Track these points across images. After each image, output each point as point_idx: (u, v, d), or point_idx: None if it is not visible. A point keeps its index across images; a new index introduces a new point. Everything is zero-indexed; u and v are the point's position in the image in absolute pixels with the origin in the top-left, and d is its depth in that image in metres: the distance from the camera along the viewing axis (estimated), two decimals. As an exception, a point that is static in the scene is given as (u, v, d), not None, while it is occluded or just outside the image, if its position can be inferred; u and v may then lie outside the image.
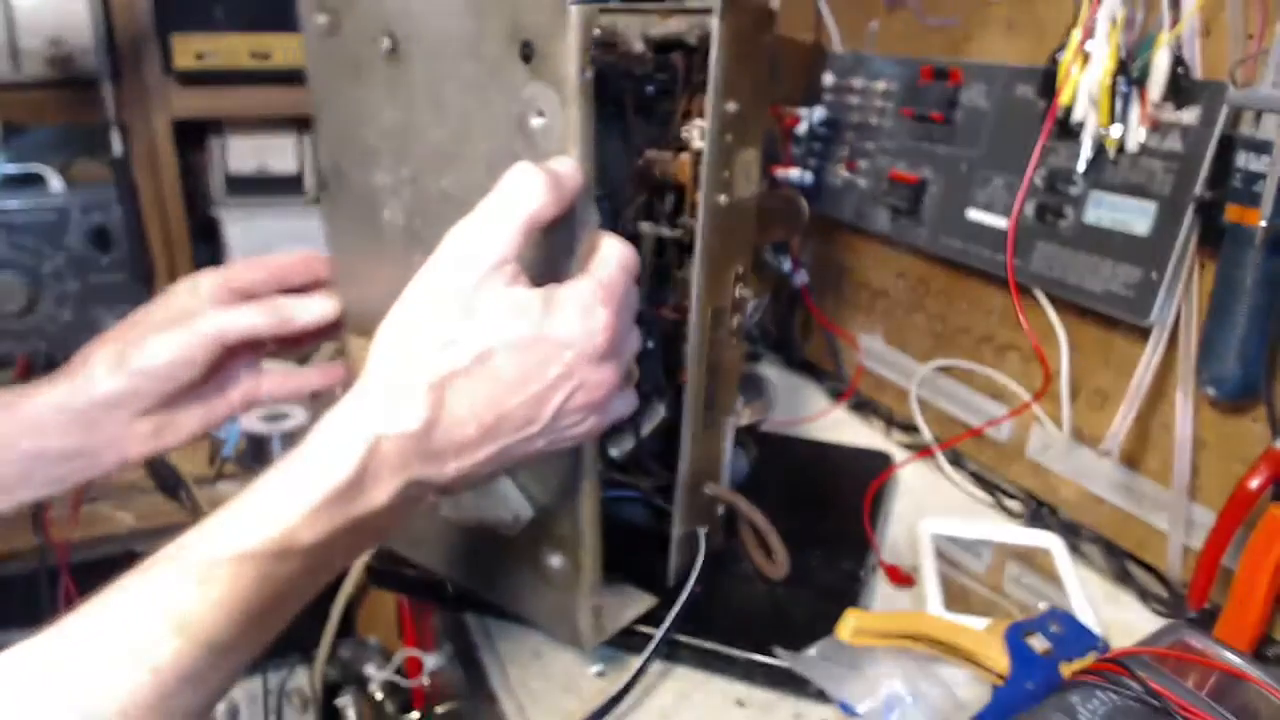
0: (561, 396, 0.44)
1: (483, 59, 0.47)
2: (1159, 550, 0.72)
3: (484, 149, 0.48)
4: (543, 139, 0.45)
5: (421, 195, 0.52)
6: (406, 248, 0.54)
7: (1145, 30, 0.66)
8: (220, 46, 1.03)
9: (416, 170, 0.52)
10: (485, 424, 0.43)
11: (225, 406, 0.59)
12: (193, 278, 0.57)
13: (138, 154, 1.05)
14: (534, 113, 0.45)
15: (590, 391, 0.45)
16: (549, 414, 0.44)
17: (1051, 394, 0.79)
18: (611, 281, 0.45)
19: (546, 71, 0.44)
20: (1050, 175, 0.74)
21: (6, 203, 1.05)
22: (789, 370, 1.14)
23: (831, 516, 0.77)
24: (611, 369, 0.46)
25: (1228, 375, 0.62)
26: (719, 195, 0.55)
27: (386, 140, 0.53)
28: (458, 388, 0.42)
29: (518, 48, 0.45)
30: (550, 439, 0.45)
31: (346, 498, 0.40)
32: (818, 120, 0.99)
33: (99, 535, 0.81)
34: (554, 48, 0.43)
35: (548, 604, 0.58)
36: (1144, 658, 0.53)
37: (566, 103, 0.44)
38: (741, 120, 0.55)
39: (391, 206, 0.54)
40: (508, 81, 0.46)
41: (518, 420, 0.43)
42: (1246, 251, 0.59)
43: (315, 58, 0.56)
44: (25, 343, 1.09)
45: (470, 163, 0.49)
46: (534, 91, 0.45)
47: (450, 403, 0.42)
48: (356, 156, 0.55)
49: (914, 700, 0.56)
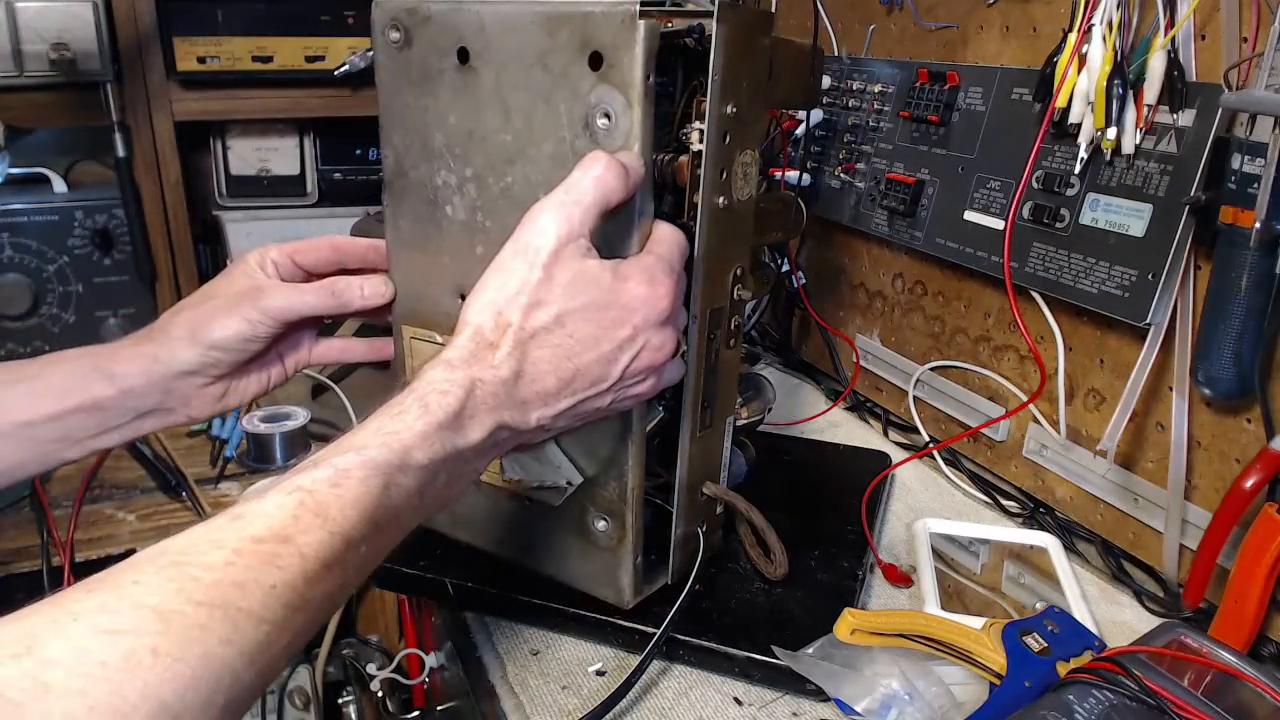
0: (628, 357, 0.50)
1: (550, 68, 0.52)
2: (1155, 549, 0.72)
3: (548, 149, 0.54)
4: (606, 138, 0.51)
5: (485, 192, 0.57)
6: (468, 240, 0.59)
7: (1141, 33, 0.66)
8: (223, 50, 1.03)
9: (480, 170, 0.57)
10: (563, 377, 0.48)
11: (280, 372, 0.66)
12: (262, 251, 0.63)
13: (140, 156, 1.05)
14: (600, 115, 0.51)
15: (652, 353, 0.51)
16: (617, 373, 0.50)
17: (1048, 394, 0.79)
18: (670, 256, 0.52)
19: (614, 77, 0.50)
20: (1047, 177, 0.74)
21: (10, 204, 1.06)
22: (787, 371, 1.15)
23: (829, 516, 0.77)
24: (670, 333, 0.52)
25: (1223, 376, 0.62)
26: (717, 197, 0.56)
27: (451, 143, 0.58)
28: (541, 343, 0.48)
29: (587, 57, 0.51)
30: (615, 396, 0.51)
31: (450, 428, 0.45)
32: (816, 122, 1.00)
33: (101, 535, 0.82)
34: (622, 57, 0.49)
35: (592, 566, 0.62)
36: (1140, 656, 0.53)
37: (632, 104, 0.50)
38: (739, 122, 0.56)
39: (453, 203, 0.59)
40: (574, 88, 0.52)
41: (592, 376, 0.49)
42: (1241, 253, 0.60)
43: (385, 70, 0.60)
44: (28, 344, 1.10)
45: (534, 162, 0.55)
46: (600, 95, 0.51)
47: (534, 355, 0.48)
48: (420, 158, 0.60)
49: (911, 699, 0.57)
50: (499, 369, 0.47)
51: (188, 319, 0.60)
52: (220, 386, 0.62)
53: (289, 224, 1.23)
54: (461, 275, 0.60)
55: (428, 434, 0.44)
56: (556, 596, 0.64)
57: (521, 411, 0.48)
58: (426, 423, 0.44)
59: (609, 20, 0.49)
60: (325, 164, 1.24)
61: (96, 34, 0.97)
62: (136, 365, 0.58)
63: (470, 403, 0.46)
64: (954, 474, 0.89)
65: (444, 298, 0.62)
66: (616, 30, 0.49)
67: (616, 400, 0.52)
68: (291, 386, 1.02)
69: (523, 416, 0.48)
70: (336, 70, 1.07)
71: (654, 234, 0.53)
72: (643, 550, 0.62)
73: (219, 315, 0.60)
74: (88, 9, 0.96)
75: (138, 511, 0.84)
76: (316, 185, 1.25)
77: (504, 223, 0.55)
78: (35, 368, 0.58)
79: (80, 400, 0.57)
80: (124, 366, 0.58)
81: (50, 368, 0.58)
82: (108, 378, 0.58)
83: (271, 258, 0.63)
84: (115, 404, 0.58)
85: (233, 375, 0.62)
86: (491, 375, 0.47)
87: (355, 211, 1.18)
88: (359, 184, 1.25)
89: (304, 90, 1.10)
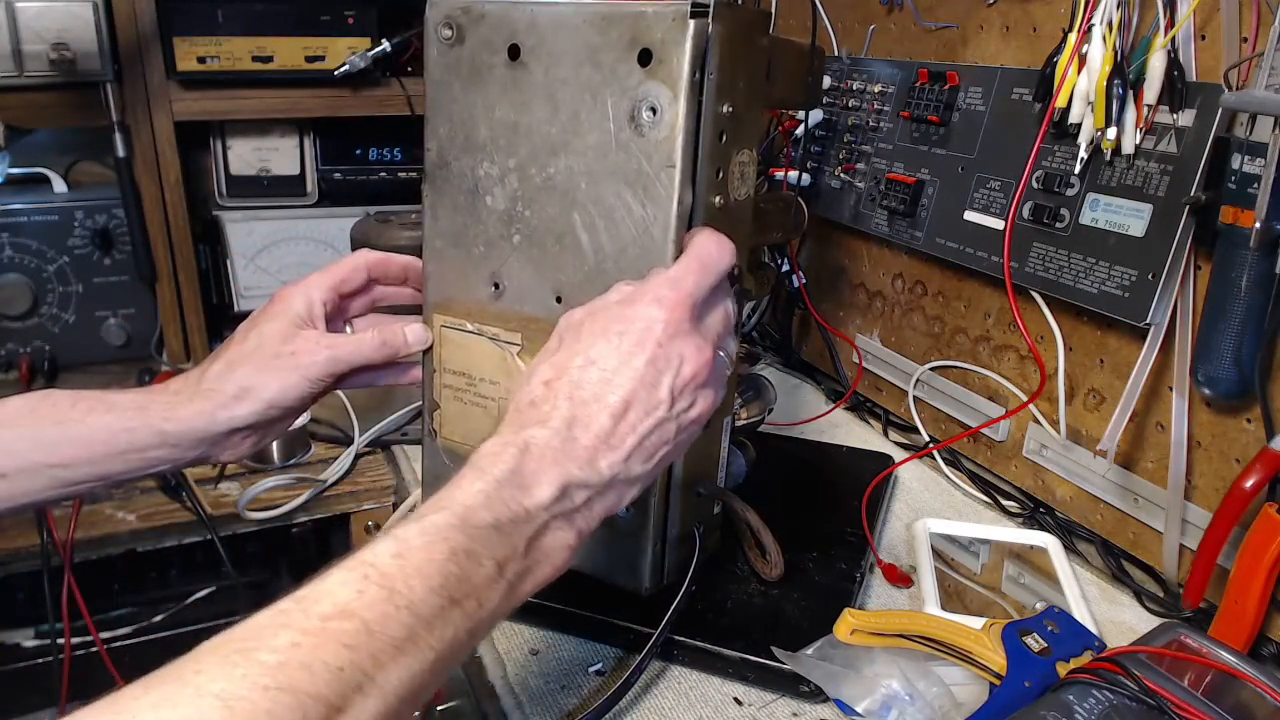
0: (670, 376, 0.49)
1: (600, 64, 0.55)
2: (1155, 550, 0.72)
3: (592, 140, 0.56)
4: (652, 130, 0.54)
5: (526, 183, 0.59)
6: (505, 229, 0.61)
7: (1141, 33, 0.66)
8: (223, 50, 1.03)
9: (523, 160, 0.59)
10: (615, 412, 0.47)
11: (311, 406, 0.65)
12: (306, 294, 0.62)
13: (140, 156, 1.05)
14: (646, 108, 0.54)
15: (693, 364, 0.49)
16: (665, 394, 0.49)
17: (1048, 394, 0.79)
18: (678, 272, 0.51)
19: (662, 73, 0.53)
20: (1047, 177, 0.74)
21: (10, 204, 1.06)
22: (787, 371, 1.15)
23: (830, 516, 0.77)
24: (699, 342, 0.50)
25: (1223, 376, 0.62)
26: (714, 196, 0.56)
27: (496, 135, 0.60)
28: (580, 384, 0.48)
29: (636, 54, 0.53)
30: (679, 424, 0.50)
31: (512, 485, 0.44)
32: (815, 122, 1.00)
33: (101, 534, 0.82)
34: (672, 53, 0.52)
35: (611, 552, 0.62)
36: (1140, 656, 0.53)
37: (678, 97, 0.53)
38: (736, 122, 0.56)
39: (494, 194, 0.61)
40: (622, 82, 0.54)
41: (643, 404, 0.48)
42: (1241, 253, 0.60)
43: (436, 65, 0.61)
44: (28, 344, 1.09)
45: (578, 153, 0.57)
46: (648, 90, 0.53)
47: (578, 398, 0.47)
48: (463, 150, 0.62)
49: (911, 699, 0.57)
50: (548, 422, 0.47)
51: (245, 376, 0.59)
52: (262, 432, 0.61)
53: (289, 224, 1.22)
54: (497, 263, 0.62)
55: (487, 493, 0.43)
56: (556, 596, 0.64)
57: (589, 463, 0.46)
58: (484, 483, 0.43)
59: (660, 19, 0.52)
60: (325, 164, 1.24)
61: (96, 34, 0.96)
62: (189, 423, 0.58)
63: (528, 459, 0.45)
64: (954, 474, 0.89)
65: (478, 286, 0.63)
66: (667, 28, 0.52)
67: (681, 428, 0.50)
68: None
69: (592, 468, 0.46)
70: (336, 70, 1.07)
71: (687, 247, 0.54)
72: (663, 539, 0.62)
73: (276, 372, 0.59)
74: (88, 9, 0.96)
75: (138, 511, 0.84)
76: (316, 185, 1.24)
77: (543, 212, 0.59)
78: (81, 409, 0.57)
79: (123, 452, 0.57)
80: (176, 425, 0.57)
81: (96, 416, 0.56)
82: (157, 434, 0.57)
83: (319, 299, 0.62)
84: (158, 457, 0.58)
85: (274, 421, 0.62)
86: (542, 429, 0.46)
87: (355, 211, 1.18)
88: (359, 184, 1.25)
89: (304, 90, 1.10)
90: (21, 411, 0.56)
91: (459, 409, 0.67)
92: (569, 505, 0.46)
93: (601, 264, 0.57)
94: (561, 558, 0.45)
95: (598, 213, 0.57)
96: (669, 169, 0.54)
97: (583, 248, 0.58)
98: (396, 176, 1.26)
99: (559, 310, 0.59)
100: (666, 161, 0.54)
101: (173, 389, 0.59)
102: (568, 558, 0.45)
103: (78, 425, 0.56)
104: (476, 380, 0.65)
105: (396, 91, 1.13)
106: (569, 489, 0.45)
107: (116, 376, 1.11)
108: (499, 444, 0.46)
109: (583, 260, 0.58)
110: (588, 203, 0.57)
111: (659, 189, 0.54)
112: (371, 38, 1.08)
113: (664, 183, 0.54)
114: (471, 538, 0.41)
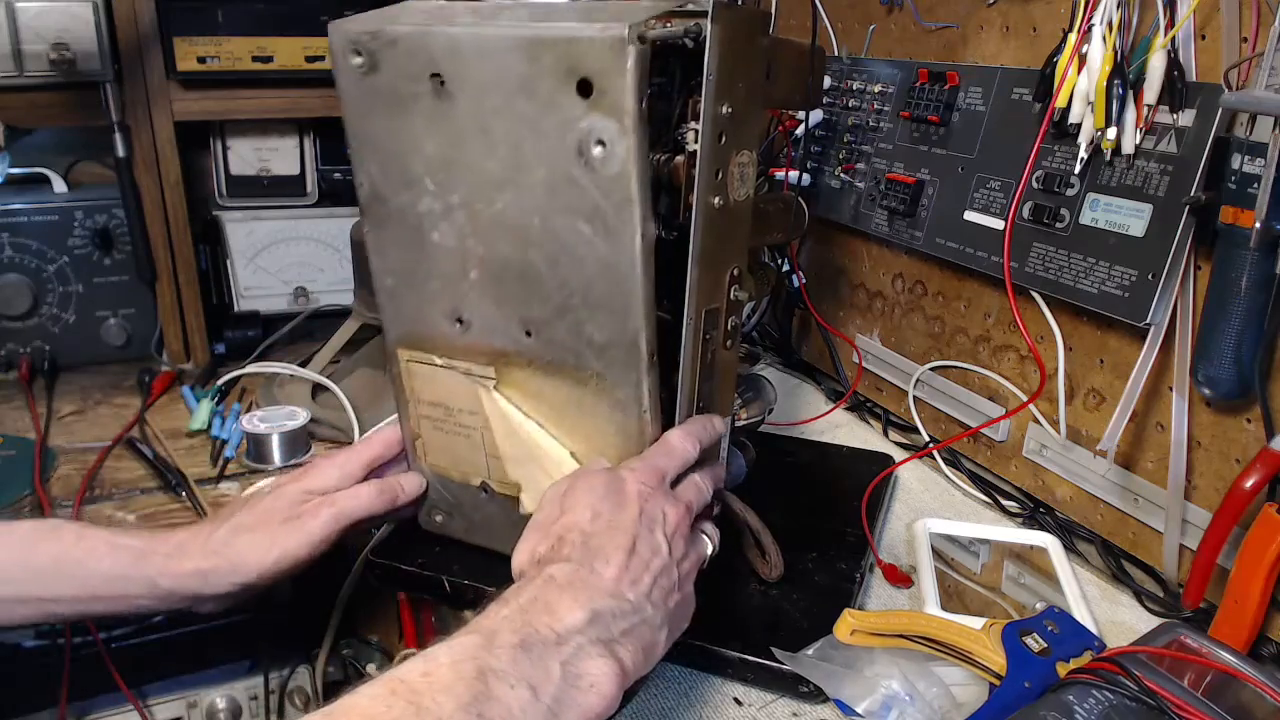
0: (659, 523, 0.52)
1: (535, 95, 0.50)
2: (1155, 550, 0.72)
3: (540, 175, 0.52)
4: (603, 165, 0.50)
5: (475, 219, 0.55)
6: (459, 266, 0.57)
7: (1141, 33, 0.66)
8: (223, 50, 1.03)
9: (467, 197, 0.55)
10: (624, 547, 0.50)
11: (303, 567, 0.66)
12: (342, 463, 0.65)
13: (140, 156, 1.05)
14: (594, 143, 0.49)
15: (674, 517, 0.53)
16: (663, 539, 0.52)
17: (1048, 394, 0.79)
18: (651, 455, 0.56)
19: (605, 105, 0.48)
20: (1047, 177, 0.74)
21: (10, 204, 1.06)
22: (787, 371, 1.15)
23: (830, 516, 0.77)
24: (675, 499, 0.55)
25: (1223, 376, 0.62)
26: (713, 197, 0.56)
27: (431, 170, 0.55)
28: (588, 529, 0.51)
29: (574, 84, 0.48)
30: (680, 572, 0.53)
31: (537, 610, 0.45)
32: (815, 122, 1.00)
33: (101, 535, 0.82)
34: (613, 83, 0.47)
35: None
36: (1140, 657, 0.53)
37: (627, 132, 0.48)
38: (735, 122, 0.55)
39: (441, 230, 0.57)
40: (563, 115, 0.49)
41: (647, 544, 0.51)
42: (1241, 253, 0.60)
43: (349, 95, 0.57)
44: (28, 344, 1.10)
45: (526, 189, 0.53)
46: (592, 123, 0.49)
47: (591, 539, 0.50)
48: (399, 184, 0.57)
49: (911, 699, 0.57)
50: (570, 559, 0.49)
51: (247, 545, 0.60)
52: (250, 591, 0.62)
53: (289, 224, 1.23)
54: (456, 299, 0.59)
55: (511, 617, 0.44)
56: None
57: (615, 592, 0.48)
58: (509, 609, 0.45)
59: (596, 46, 0.47)
60: (325, 164, 1.24)
61: (96, 34, 0.96)
62: (183, 581, 0.59)
63: (552, 588, 0.47)
64: (954, 474, 0.89)
65: (439, 321, 0.61)
66: (604, 56, 0.47)
67: (682, 578, 0.53)
68: (292, 386, 1.03)
69: (619, 597, 0.48)
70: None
71: None
72: None
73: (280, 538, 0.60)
74: (88, 9, 0.95)
75: (138, 511, 0.84)
76: (316, 185, 1.25)
77: (497, 248, 0.55)
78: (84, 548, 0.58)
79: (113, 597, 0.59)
80: (169, 581, 0.59)
81: (95, 560, 0.58)
82: (149, 585, 0.59)
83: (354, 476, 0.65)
84: (145, 605, 0.60)
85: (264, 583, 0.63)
86: (565, 565, 0.48)
87: (355, 212, 1.17)
88: (359, 184, 1.25)
89: (304, 90, 1.10)
90: (27, 542, 0.59)
91: (441, 438, 0.66)
92: (605, 634, 0.46)
93: (568, 300, 0.55)
94: (606, 688, 0.44)
95: (557, 248, 0.54)
96: (627, 204, 0.50)
97: (545, 284, 0.55)
98: (396, 176, 1.26)
99: (530, 344, 0.58)
100: (625, 197, 0.50)
101: (176, 540, 0.60)
102: (613, 689, 0.45)
103: (78, 566, 0.58)
104: (454, 410, 0.64)
105: (396, 91, 1.13)
106: (600, 616, 0.46)
107: (116, 376, 1.11)
108: (521, 578, 0.49)
109: (547, 296, 0.55)
110: (543, 240, 0.54)
111: (619, 224, 0.51)
112: (371, 38, 1.08)
113: (624, 218, 0.51)
114: (497, 657, 0.42)
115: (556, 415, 0.60)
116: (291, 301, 1.24)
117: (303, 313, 1.21)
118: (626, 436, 0.58)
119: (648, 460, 0.56)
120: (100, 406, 1.04)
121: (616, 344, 0.55)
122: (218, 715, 1.02)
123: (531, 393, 0.60)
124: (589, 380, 0.57)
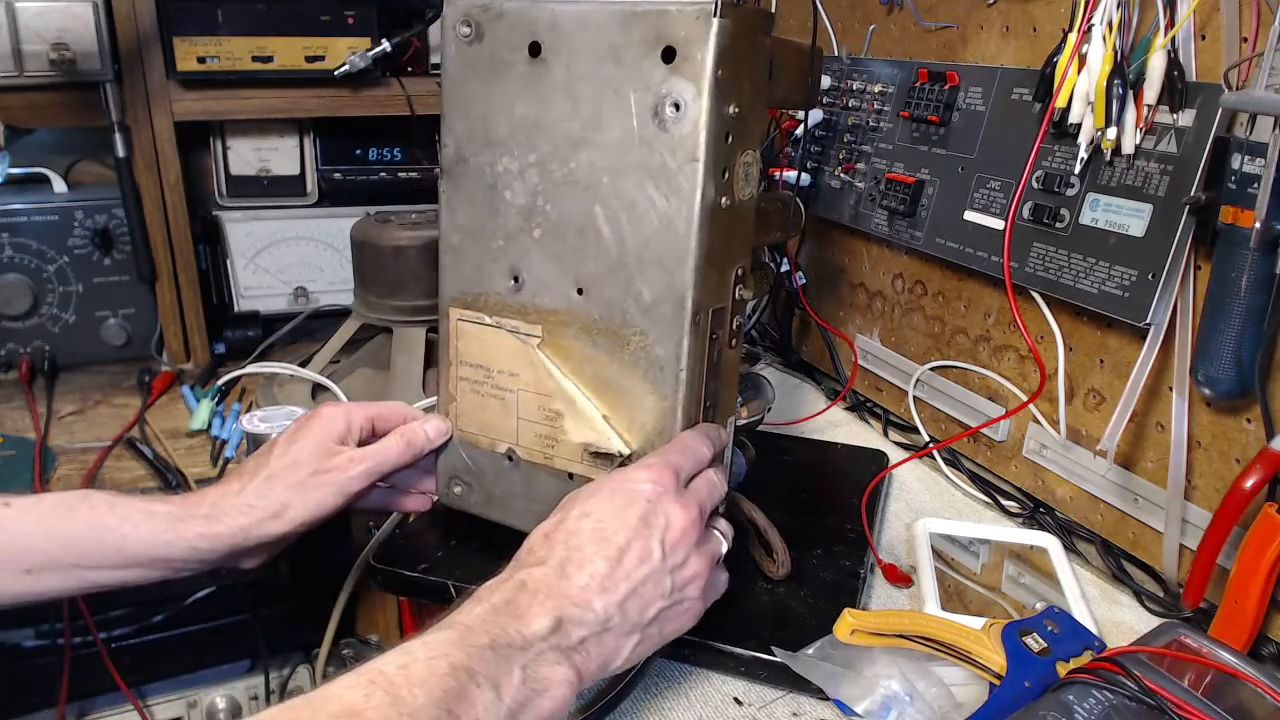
0: (660, 529, 0.52)
1: (622, 61, 0.56)
2: (1155, 550, 0.72)
3: (614, 135, 0.57)
4: (675, 125, 0.55)
5: (547, 177, 0.60)
6: (525, 224, 0.62)
7: (1141, 33, 0.66)
8: (223, 50, 1.03)
9: (544, 156, 0.60)
10: (609, 556, 0.50)
11: None
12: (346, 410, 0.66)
13: (140, 156, 1.05)
14: (669, 105, 0.55)
15: (680, 522, 0.53)
16: (657, 548, 0.52)
17: (1048, 394, 0.79)
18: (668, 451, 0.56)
19: (686, 70, 0.54)
20: (1047, 177, 0.74)
21: (10, 204, 1.06)
22: (787, 370, 1.15)
23: (829, 516, 0.77)
24: (686, 500, 0.54)
25: (1223, 376, 0.62)
26: (720, 197, 0.56)
27: (516, 131, 0.61)
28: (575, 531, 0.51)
29: (659, 51, 0.54)
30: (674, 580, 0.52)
31: (506, 614, 0.47)
32: (815, 122, 1.00)
33: (101, 535, 0.82)
34: (695, 51, 0.53)
35: None
36: (1140, 656, 0.53)
37: (702, 94, 0.54)
38: (741, 122, 0.56)
39: (514, 188, 0.62)
40: (645, 79, 0.55)
41: (636, 552, 0.51)
42: (1241, 253, 0.60)
43: (453, 62, 0.62)
44: (28, 344, 1.09)
45: (599, 148, 0.58)
46: (671, 86, 0.55)
47: (573, 543, 0.51)
48: (481, 144, 0.62)
49: (911, 699, 0.57)
50: (545, 563, 0.50)
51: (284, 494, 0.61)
52: (285, 543, 0.63)
53: (289, 224, 1.23)
54: (516, 256, 0.63)
55: (484, 616, 0.46)
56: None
57: (583, 602, 0.49)
58: (481, 609, 0.47)
59: (684, 17, 0.53)
60: (325, 164, 1.24)
61: (96, 34, 0.96)
62: (225, 540, 0.60)
63: (523, 593, 0.48)
64: (954, 474, 0.89)
65: (496, 279, 0.64)
66: (691, 26, 0.53)
67: (677, 586, 0.53)
68: (292, 386, 1.03)
69: (587, 607, 0.49)
70: (336, 70, 1.07)
71: None
72: None
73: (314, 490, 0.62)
74: (88, 9, 0.96)
75: (138, 511, 0.84)
76: (317, 185, 1.24)
77: (564, 206, 0.60)
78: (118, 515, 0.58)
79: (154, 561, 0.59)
80: (210, 542, 0.59)
81: (131, 526, 0.58)
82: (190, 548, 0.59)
83: (359, 423, 0.66)
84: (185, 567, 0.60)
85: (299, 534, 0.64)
86: (539, 569, 0.50)
87: (355, 211, 1.18)
88: (359, 184, 1.25)
89: (304, 90, 1.10)
90: (57, 511, 0.58)
91: (476, 401, 0.67)
92: (565, 641, 0.48)
93: (624, 257, 0.58)
94: (560, 693, 0.46)
95: (620, 206, 0.58)
96: (693, 163, 0.55)
97: (605, 241, 0.59)
98: (396, 176, 1.26)
99: (580, 302, 0.61)
100: (690, 156, 0.55)
101: (209, 500, 0.61)
102: (567, 694, 0.47)
103: (112, 533, 0.58)
104: (494, 372, 0.66)
105: (396, 91, 1.13)
106: (564, 624, 0.48)
107: (116, 376, 1.11)
108: (497, 580, 0.49)
109: (605, 253, 0.59)
110: (610, 197, 0.58)
111: (682, 182, 0.55)
112: (371, 38, 1.08)
113: (688, 176, 0.55)
114: (469, 655, 0.43)
115: (592, 378, 0.62)
116: (291, 301, 1.24)
117: (303, 313, 1.21)
118: (655, 409, 0.60)
119: (664, 455, 0.56)
120: (100, 406, 1.04)
121: (664, 300, 0.58)
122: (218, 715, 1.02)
123: (572, 354, 0.63)
124: (630, 340, 0.60)
